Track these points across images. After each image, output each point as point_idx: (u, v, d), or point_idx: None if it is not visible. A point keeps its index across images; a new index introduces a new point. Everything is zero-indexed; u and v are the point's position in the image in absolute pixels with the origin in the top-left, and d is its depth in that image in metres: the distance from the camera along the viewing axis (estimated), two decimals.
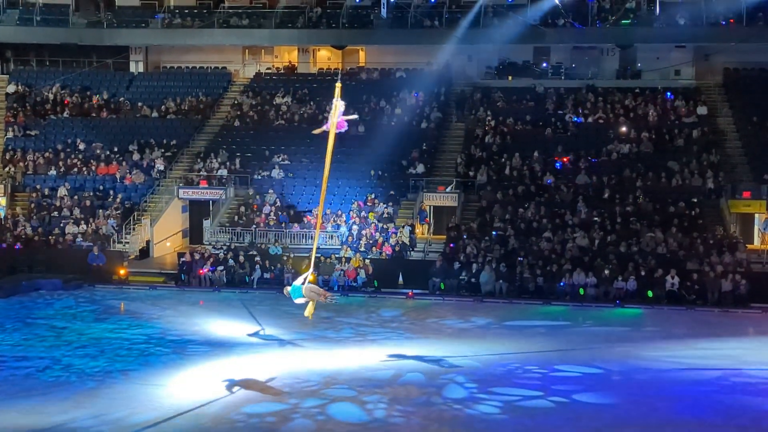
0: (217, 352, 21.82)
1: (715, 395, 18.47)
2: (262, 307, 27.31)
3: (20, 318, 25.75)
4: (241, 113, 41.43)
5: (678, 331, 24.59)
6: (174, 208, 36.68)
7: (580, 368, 20.55)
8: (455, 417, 17.10)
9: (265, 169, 37.73)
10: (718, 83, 40.70)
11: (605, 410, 17.47)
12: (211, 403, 17.67)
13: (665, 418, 16.98)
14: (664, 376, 20.03)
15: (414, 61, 43.23)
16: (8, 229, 34.47)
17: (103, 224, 34.59)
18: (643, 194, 33.66)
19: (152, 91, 43.85)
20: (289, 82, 43.54)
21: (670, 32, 39.73)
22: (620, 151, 36.41)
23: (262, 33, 43.20)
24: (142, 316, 26.00)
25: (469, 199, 35.35)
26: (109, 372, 20.08)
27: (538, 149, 36.66)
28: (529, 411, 17.39)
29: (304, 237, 33.48)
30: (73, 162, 38.80)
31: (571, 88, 40.99)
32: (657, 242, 30.82)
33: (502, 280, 29.62)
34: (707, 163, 35.24)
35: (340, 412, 17.26)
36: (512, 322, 25.72)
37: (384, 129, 39.30)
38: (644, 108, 38.79)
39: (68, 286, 30.25)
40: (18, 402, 17.75)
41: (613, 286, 28.90)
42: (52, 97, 43.04)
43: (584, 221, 32.36)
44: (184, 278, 31.39)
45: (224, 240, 33.91)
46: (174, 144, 40.03)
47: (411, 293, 29.65)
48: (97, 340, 23.03)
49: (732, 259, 29.51)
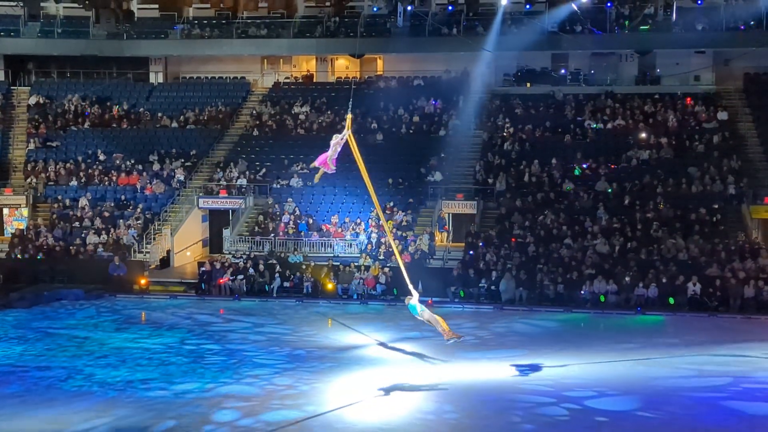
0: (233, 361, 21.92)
1: (737, 403, 18.27)
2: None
3: (42, 328, 25.95)
4: (260, 123, 41.61)
5: (700, 338, 24.36)
6: (194, 218, 36.89)
7: (599, 377, 20.42)
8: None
9: (284, 178, 37.86)
10: (739, 88, 40.42)
11: (625, 418, 17.33)
12: (228, 411, 17.74)
13: (686, 427, 16.82)
14: (685, 383, 19.86)
15: (432, 69, 43.35)
16: (30, 239, 34.76)
17: (124, 234, 34.83)
18: (664, 200, 33.46)
19: (172, 102, 44.16)
20: (307, 92, 43.70)
21: (689, 38, 39.61)
22: (640, 157, 36.24)
23: (281, 43, 43.46)
24: (162, 325, 26.14)
25: (488, 207, 35.30)
26: (130, 381, 20.17)
27: (557, 156, 36.56)
28: (546, 420, 17.29)
29: (323, 245, 33.55)
30: (93, 173, 39.12)
31: (590, 94, 40.87)
32: (678, 249, 30.62)
33: (522, 287, 29.52)
34: (728, 168, 34.99)
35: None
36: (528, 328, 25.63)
37: (402, 137, 39.40)
38: (664, 114, 38.58)
39: (90, 296, 30.46)
40: (40, 411, 17.85)
41: (634, 293, 28.72)
42: (72, 109, 43.42)
43: (604, 228, 32.22)
44: (204, 287, 31.51)
45: (244, 249, 34.02)
46: (194, 154, 40.26)
47: (430, 301, 29.52)
48: (118, 350, 23.16)
49: (754, 265, 29.23)
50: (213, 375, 20.62)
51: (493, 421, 17.15)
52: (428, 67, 43.35)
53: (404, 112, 40.74)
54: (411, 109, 41.00)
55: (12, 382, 20.16)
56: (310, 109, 41.93)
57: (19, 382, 20.11)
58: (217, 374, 20.69)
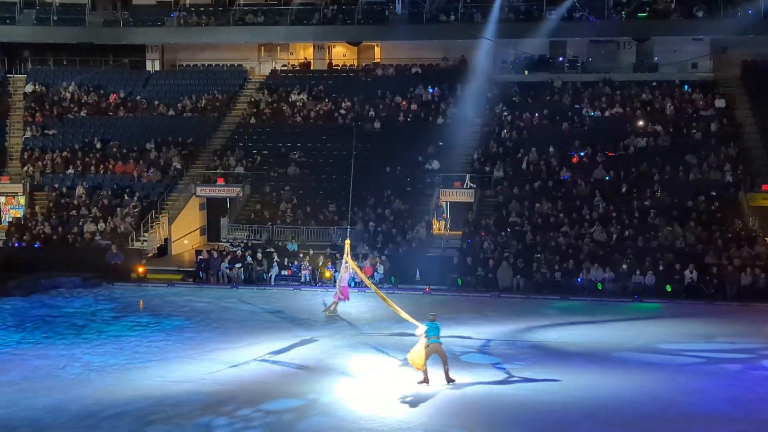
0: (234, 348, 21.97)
1: (734, 389, 18.34)
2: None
3: (40, 316, 25.98)
4: (257, 111, 41.53)
5: (697, 325, 24.44)
6: (191, 206, 36.86)
7: (599, 362, 20.50)
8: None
9: (282, 166, 37.81)
10: (736, 76, 40.38)
11: (624, 404, 17.40)
12: (228, 400, 17.78)
13: (684, 412, 16.88)
14: (683, 370, 19.94)
15: (430, 57, 43.25)
16: (28, 228, 34.73)
17: (121, 223, 34.78)
18: (661, 188, 33.49)
19: (168, 90, 44.06)
20: (304, 79, 43.61)
21: (687, 25, 39.56)
22: (637, 144, 36.23)
23: (278, 30, 43.36)
24: (160, 314, 26.16)
25: (486, 195, 35.28)
26: (129, 369, 20.20)
27: (554, 144, 36.54)
28: (546, 405, 17.35)
29: (320, 234, 33.53)
30: (90, 161, 39.04)
31: (588, 82, 40.84)
32: (675, 236, 30.67)
33: (520, 275, 29.57)
34: (725, 156, 35.00)
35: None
36: (526, 316, 25.67)
37: (400, 125, 39.34)
38: (661, 101, 38.57)
39: (87, 284, 30.47)
40: (39, 399, 17.86)
41: (631, 280, 28.79)
42: (69, 97, 43.30)
43: (602, 216, 32.24)
44: (202, 275, 31.53)
45: (242, 237, 34.03)
46: (191, 142, 40.19)
47: (428, 289, 29.65)
48: (116, 338, 23.20)
49: (751, 253, 29.31)
50: (211, 363, 20.64)
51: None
52: (426, 54, 43.25)
53: (402, 100, 40.68)
54: (409, 97, 40.93)
55: (10, 370, 20.18)
56: (307, 97, 41.85)
57: (17, 370, 20.13)
58: (215, 362, 20.71)
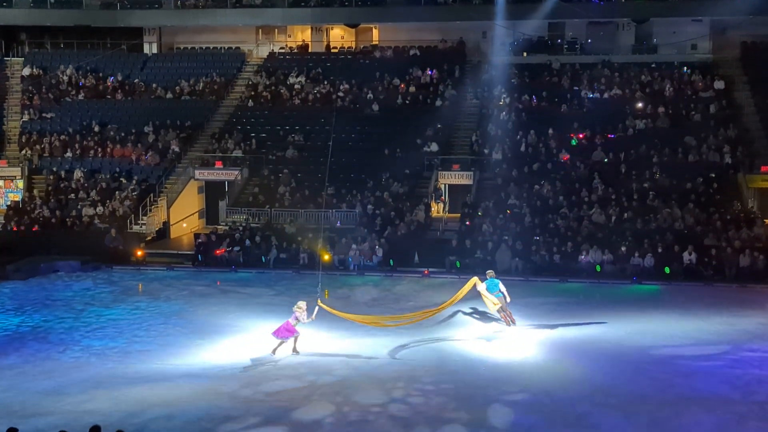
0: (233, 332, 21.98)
1: (732, 371, 18.40)
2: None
3: (39, 299, 26.01)
4: (255, 93, 41.40)
5: (695, 307, 24.46)
6: (190, 189, 36.78)
7: (597, 344, 20.55)
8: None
9: (280, 149, 37.73)
10: (736, 57, 40.28)
11: (622, 386, 17.45)
12: (227, 382, 17.82)
13: (682, 394, 16.95)
14: (681, 351, 19.98)
15: (428, 39, 43.08)
16: (26, 211, 34.70)
17: (120, 206, 34.75)
18: (660, 170, 33.45)
19: (166, 73, 43.89)
20: (302, 62, 43.43)
21: (687, 5, 39.41)
22: (636, 126, 36.17)
23: (275, 12, 43.11)
24: (159, 297, 26.18)
25: (485, 177, 35.23)
26: (128, 352, 20.25)
27: (553, 126, 36.46)
28: (544, 386, 17.40)
29: (318, 216, 33.50)
30: (88, 144, 38.96)
31: (587, 63, 40.71)
32: (674, 218, 30.66)
33: (518, 257, 29.57)
34: (724, 137, 34.95)
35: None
36: (525, 299, 25.66)
37: (398, 107, 39.24)
38: (660, 83, 38.47)
39: (86, 268, 30.50)
40: (38, 383, 17.93)
41: (630, 262, 28.81)
42: (66, 80, 43.15)
43: (601, 198, 32.22)
44: (201, 259, 31.54)
45: (240, 220, 34.00)
46: (189, 125, 40.08)
47: (427, 271, 29.65)
48: (115, 321, 23.24)
49: (750, 235, 29.32)
50: (211, 346, 20.69)
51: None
52: (424, 36, 43.07)
53: (400, 82, 40.55)
54: (407, 79, 40.80)
55: (9, 353, 20.26)
56: (305, 80, 41.70)
57: (17, 354, 20.20)
58: (214, 345, 20.76)
